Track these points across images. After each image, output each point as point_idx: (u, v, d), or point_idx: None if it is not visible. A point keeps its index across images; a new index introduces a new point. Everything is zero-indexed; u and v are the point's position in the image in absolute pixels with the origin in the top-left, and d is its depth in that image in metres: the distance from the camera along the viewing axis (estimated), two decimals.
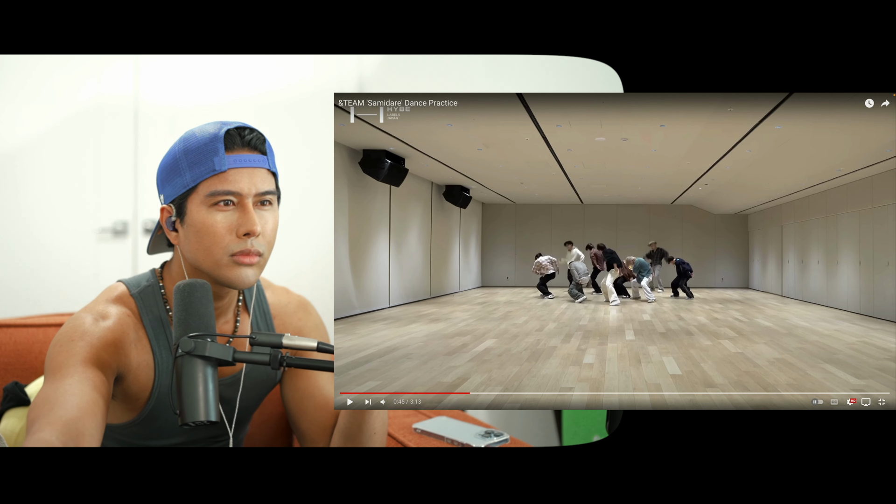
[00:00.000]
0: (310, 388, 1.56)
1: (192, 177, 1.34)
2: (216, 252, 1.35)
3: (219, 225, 1.34)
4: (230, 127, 1.36)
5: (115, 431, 1.55)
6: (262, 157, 1.38)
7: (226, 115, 1.67)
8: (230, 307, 1.52)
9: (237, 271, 1.36)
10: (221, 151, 1.33)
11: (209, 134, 1.35)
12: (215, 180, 1.34)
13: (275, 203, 1.41)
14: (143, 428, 1.52)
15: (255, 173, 1.36)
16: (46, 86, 3.44)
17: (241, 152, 1.35)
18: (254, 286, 1.56)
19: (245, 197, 1.35)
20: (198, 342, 1.15)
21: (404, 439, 1.71)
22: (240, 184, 1.34)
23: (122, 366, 1.40)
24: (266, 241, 1.38)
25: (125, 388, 1.44)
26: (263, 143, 1.39)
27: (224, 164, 1.33)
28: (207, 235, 1.34)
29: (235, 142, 1.35)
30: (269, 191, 1.38)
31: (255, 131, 1.39)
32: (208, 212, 1.34)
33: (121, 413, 1.52)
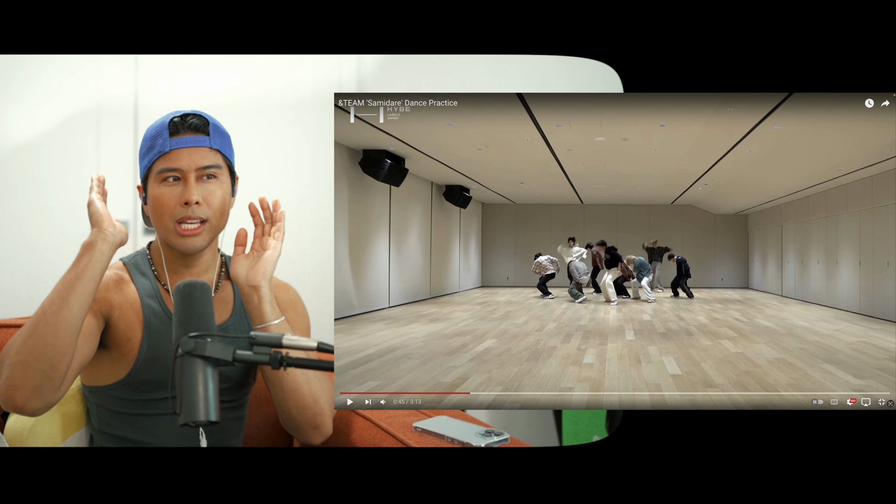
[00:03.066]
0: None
1: (148, 160, 1.58)
2: (165, 220, 1.56)
3: (165, 197, 1.55)
4: (176, 115, 1.59)
5: (112, 392, 1.59)
6: (203, 138, 1.58)
7: (226, 115, 1.68)
8: (205, 273, 1.65)
9: (183, 240, 1.57)
10: (166, 135, 1.56)
11: (159, 123, 1.59)
12: (162, 160, 1.56)
13: (221, 177, 1.59)
14: (137, 387, 1.58)
15: (195, 152, 1.56)
16: (46, 86, 3.44)
17: (184, 135, 1.57)
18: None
19: (187, 172, 1.55)
20: (198, 342, 1.15)
21: (405, 438, 1.71)
22: (180, 161, 1.55)
23: (105, 306, 1.56)
24: (212, 209, 1.57)
25: (113, 329, 1.57)
26: (207, 126, 1.59)
27: (167, 146, 1.56)
28: (158, 206, 1.56)
29: (179, 127, 1.57)
30: (210, 165, 1.57)
31: (199, 116, 1.59)
32: (158, 187, 1.56)
33: (115, 368, 1.58)
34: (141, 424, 1.59)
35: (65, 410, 1.70)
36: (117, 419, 1.59)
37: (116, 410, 1.59)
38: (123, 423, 1.59)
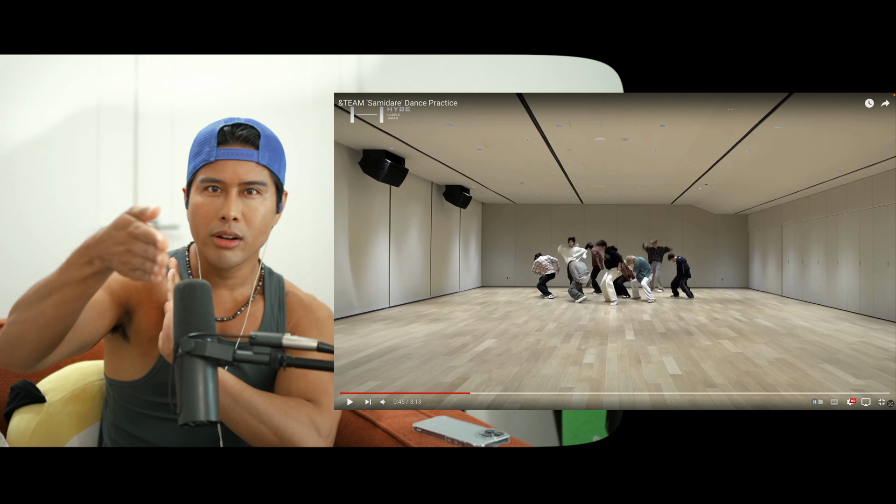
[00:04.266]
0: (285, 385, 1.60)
1: (194, 165, 1.54)
2: (201, 230, 1.52)
3: (205, 207, 1.50)
4: (227, 124, 1.53)
5: (130, 390, 1.58)
6: (251, 151, 1.52)
7: (225, 115, 1.67)
8: (240, 287, 1.62)
9: (217, 252, 1.51)
10: (214, 143, 1.51)
11: (209, 129, 1.54)
12: (207, 169, 1.51)
13: (265, 193, 1.53)
14: (155, 389, 1.56)
15: (241, 165, 1.51)
16: (46, 85, 3.44)
17: (232, 146, 1.51)
18: (276, 279, 1.68)
19: (229, 185, 1.50)
20: (198, 342, 1.15)
21: (405, 439, 1.71)
22: (224, 173, 1.50)
23: (126, 295, 1.54)
24: (250, 227, 1.52)
25: (136, 324, 1.55)
26: (257, 139, 1.53)
27: (213, 156, 1.50)
28: (197, 215, 1.52)
29: (228, 137, 1.51)
30: (254, 181, 1.51)
31: (250, 128, 1.54)
32: (200, 195, 1.51)
33: (136, 365, 1.57)
34: (155, 427, 1.58)
35: (70, 410, 1.70)
36: (132, 417, 1.59)
37: (133, 409, 1.59)
38: (138, 423, 1.59)
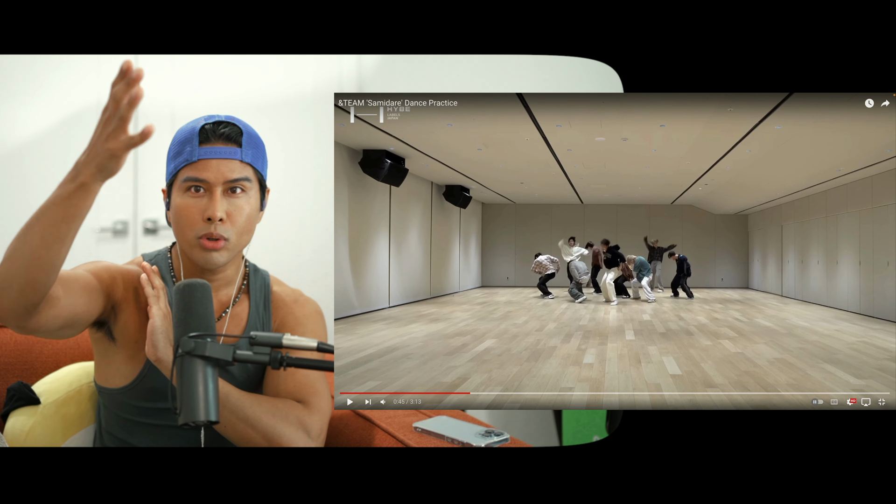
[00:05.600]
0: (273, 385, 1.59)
1: (174, 165, 1.51)
2: (187, 233, 1.50)
3: (189, 209, 1.48)
4: (208, 122, 1.50)
5: (120, 397, 1.57)
6: (234, 150, 1.50)
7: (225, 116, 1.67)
8: (225, 287, 1.61)
9: (204, 254, 1.50)
10: (195, 143, 1.48)
11: (189, 128, 1.51)
12: (189, 168, 1.48)
13: (250, 191, 1.52)
14: (144, 394, 1.55)
15: (224, 164, 1.48)
16: (46, 85, 3.44)
17: (214, 144, 1.48)
18: (261, 276, 1.66)
19: (213, 185, 1.48)
20: (198, 342, 1.15)
21: (405, 439, 1.71)
22: (208, 172, 1.47)
23: (112, 290, 1.53)
24: (235, 227, 1.50)
25: (120, 324, 1.54)
26: (240, 136, 1.51)
27: (195, 155, 1.48)
28: (181, 217, 1.50)
29: (210, 135, 1.49)
30: (239, 178, 1.49)
31: (233, 125, 1.51)
32: (182, 196, 1.49)
33: (123, 370, 1.56)
34: (146, 433, 1.57)
35: (64, 412, 1.70)
36: (123, 424, 1.59)
37: (124, 416, 1.58)
38: (129, 430, 1.58)
